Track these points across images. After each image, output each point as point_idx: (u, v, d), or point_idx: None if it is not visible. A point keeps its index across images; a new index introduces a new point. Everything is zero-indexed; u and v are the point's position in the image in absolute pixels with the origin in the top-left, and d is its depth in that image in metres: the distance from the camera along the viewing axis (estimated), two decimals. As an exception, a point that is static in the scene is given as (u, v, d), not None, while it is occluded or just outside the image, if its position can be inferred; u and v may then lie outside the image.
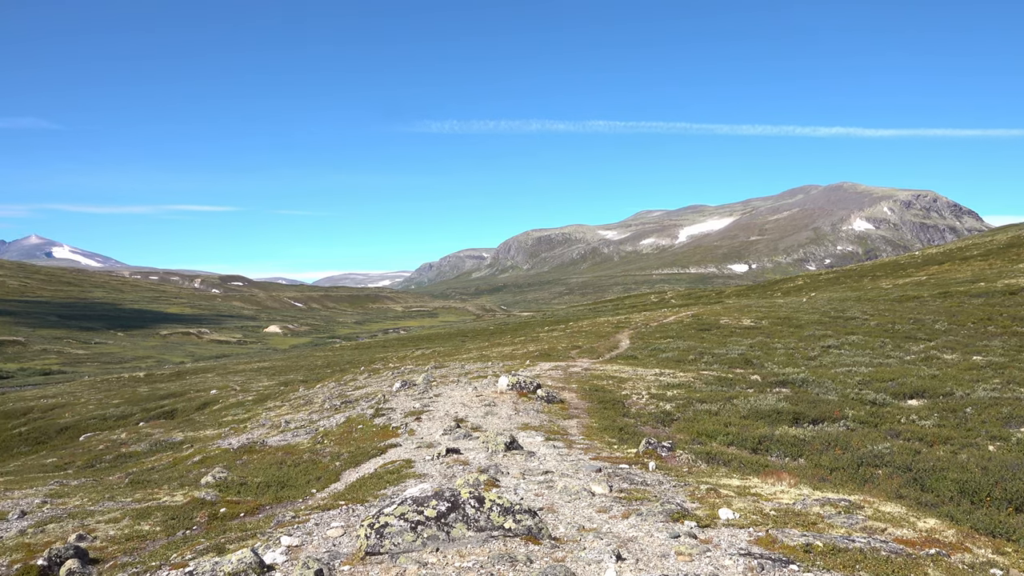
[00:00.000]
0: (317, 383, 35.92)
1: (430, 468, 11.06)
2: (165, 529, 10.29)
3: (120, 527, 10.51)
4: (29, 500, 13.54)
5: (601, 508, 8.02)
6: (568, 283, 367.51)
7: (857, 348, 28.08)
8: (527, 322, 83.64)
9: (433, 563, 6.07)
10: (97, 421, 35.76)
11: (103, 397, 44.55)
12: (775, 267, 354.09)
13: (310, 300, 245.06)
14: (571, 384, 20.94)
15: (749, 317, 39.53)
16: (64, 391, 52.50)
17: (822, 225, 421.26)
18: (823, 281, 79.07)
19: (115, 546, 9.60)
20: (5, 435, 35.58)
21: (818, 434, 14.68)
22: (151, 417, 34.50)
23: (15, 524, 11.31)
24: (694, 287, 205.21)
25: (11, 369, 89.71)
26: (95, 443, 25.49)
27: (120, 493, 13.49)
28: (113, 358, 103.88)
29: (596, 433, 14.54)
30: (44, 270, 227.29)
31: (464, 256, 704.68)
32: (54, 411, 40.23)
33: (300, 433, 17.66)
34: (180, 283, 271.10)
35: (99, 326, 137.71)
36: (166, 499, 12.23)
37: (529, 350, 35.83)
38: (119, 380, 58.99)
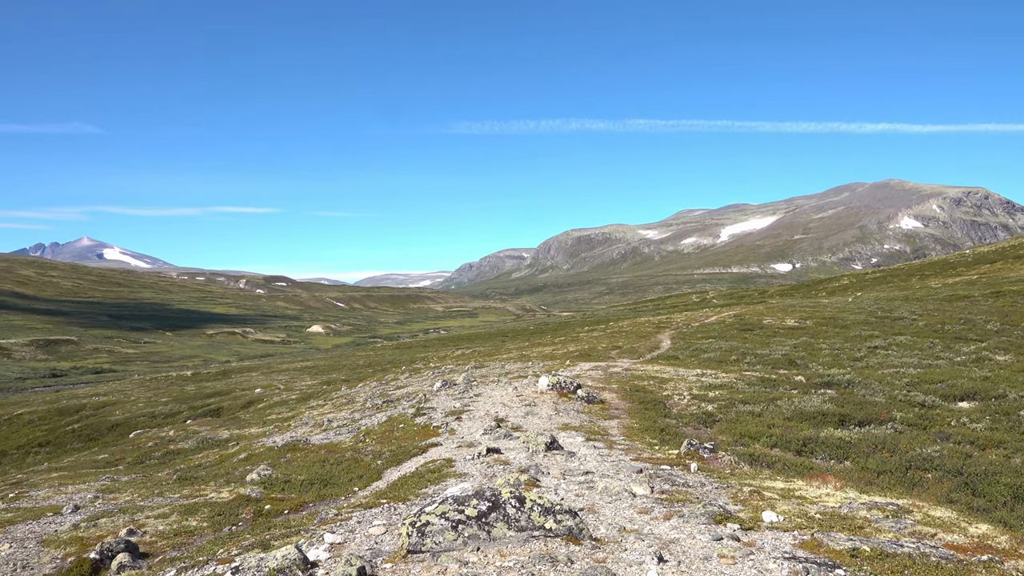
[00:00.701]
0: (359, 382, 36.29)
1: (471, 467, 11.10)
2: (212, 525, 10.49)
3: (168, 522, 10.75)
4: (82, 495, 13.94)
5: (642, 509, 7.97)
6: (608, 283, 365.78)
7: (905, 349, 27.47)
8: (567, 322, 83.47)
9: (474, 562, 6.09)
10: (146, 419, 36.61)
11: (152, 395, 45.60)
12: (819, 266, 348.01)
13: (352, 300, 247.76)
14: (611, 384, 20.84)
15: (793, 317, 38.93)
16: (115, 389, 53.86)
17: (868, 223, 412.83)
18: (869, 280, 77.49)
19: (164, 541, 9.82)
20: (59, 432, 36.63)
21: (865, 436, 14.40)
22: (198, 415, 35.21)
23: (69, 518, 11.64)
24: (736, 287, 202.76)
25: (65, 367, 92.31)
26: (144, 440, 26.09)
27: (168, 489, 13.80)
28: (161, 357, 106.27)
29: (637, 434, 14.45)
30: (96, 271, 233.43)
31: (504, 256, 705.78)
32: (105, 409, 41.29)
33: (342, 432, 17.86)
34: (226, 284, 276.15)
35: (148, 326, 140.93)
36: (213, 495, 12.47)
37: (569, 350, 35.75)
38: (167, 379, 60.33)
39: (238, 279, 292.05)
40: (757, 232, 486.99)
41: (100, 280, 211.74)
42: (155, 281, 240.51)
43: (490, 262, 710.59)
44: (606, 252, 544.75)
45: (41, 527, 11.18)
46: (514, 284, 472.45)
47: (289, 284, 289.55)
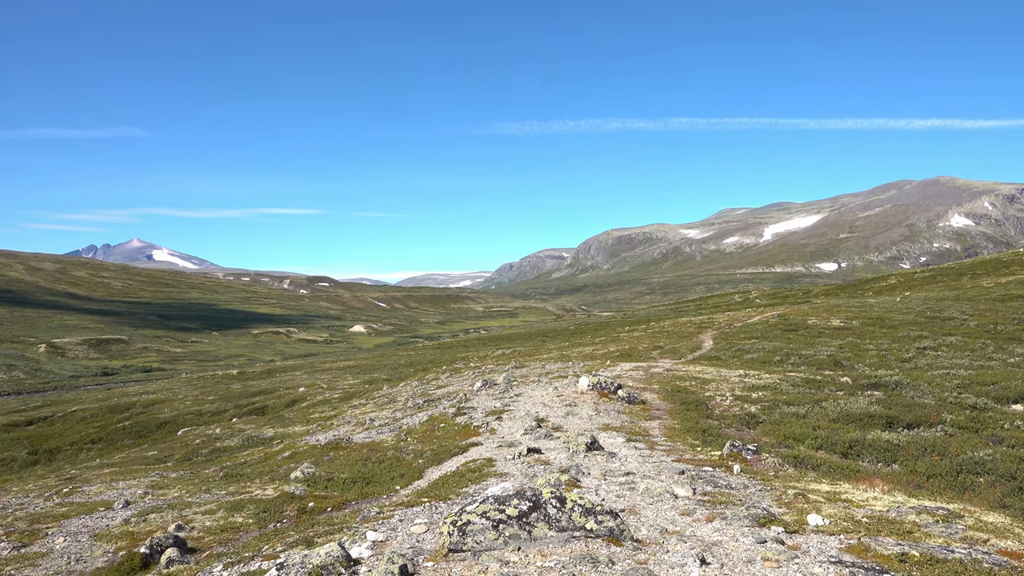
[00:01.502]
0: (400, 382, 36.59)
1: (511, 467, 11.12)
2: (257, 521, 10.67)
3: (215, 518, 10.96)
4: (132, 491, 14.29)
5: (684, 511, 7.91)
6: (649, 283, 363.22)
7: (955, 350, 26.79)
8: (607, 322, 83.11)
9: (515, 562, 6.10)
10: (194, 416, 37.39)
11: (199, 394, 46.54)
12: (866, 265, 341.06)
13: (393, 300, 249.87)
14: (652, 385, 20.69)
15: (838, 317, 38.24)
16: (163, 387, 55.10)
17: (917, 222, 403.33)
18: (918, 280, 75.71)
19: (211, 536, 10.02)
20: (111, 429, 37.59)
21: (913, 439, 14.08)
22: (243, 413, 35.83)
23: (120, 513, 11.94)
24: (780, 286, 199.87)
25: (116, 366, 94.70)
26: (192, 437, 26.64)
27: (215, 486, 14.08)
28: (208, 356, 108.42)
29: (678, 435, 14.33)
30: (145, 272, 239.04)
31: (544, 256, 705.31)
32: (154, 406, 42.26)
33: (384, 431, 18.02)
34: (270, 284, 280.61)
35: (195, 326, 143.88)
36: (258, 493, 12.69)
37: (610, 350, 35.60)
38: (213, 377, 61.53)
39: (282, 279, 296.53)
40: (801, 231, 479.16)
41: (149, 281, 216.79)
42: (202, 282, 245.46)
43: (530, 262, 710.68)
44: (647, 252, 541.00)
45: (94, 521, 11.49)
46: (554, 284, 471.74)
47: (332, 284, 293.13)
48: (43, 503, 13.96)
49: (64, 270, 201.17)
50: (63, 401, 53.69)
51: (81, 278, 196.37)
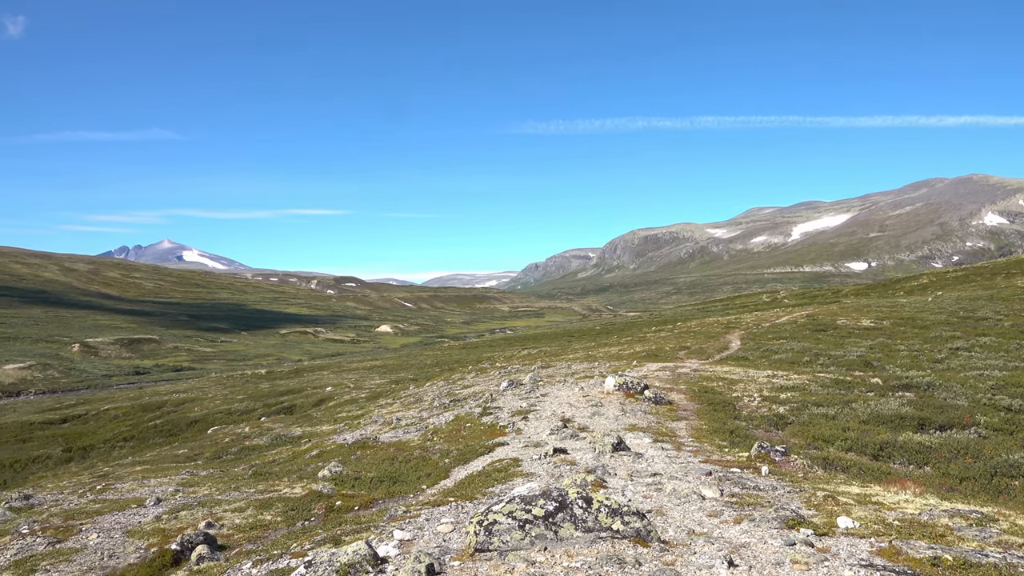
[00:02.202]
0: (427, 382, 36.73)
1: (537, 467, 11.11)
2: (285, 519, 10.78)
3: (245, 516, 11.08)
4: (164, 488, 14.50)
5: (712, 512, 7.85)
6: (676, 282, 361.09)
7: (989, 350, 26.31)
8: (634, 322, 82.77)
9: (541, 562, 6.09)
10: (223, 415, 37.84)
11: (228, 393, 47.09)
12: (897, 265, 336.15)
13: (419, 300, 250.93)
14: (679, 385, 20.57)
15: (869, 317, 37.74)
16: (193, 387, 55.82)
17: (949, 220, 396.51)
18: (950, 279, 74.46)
19: (240, 534, 10.13)
20: (142, 427, 38.17)
21: (946, 441, 13.85)
22: (272, 412, 36.19)
23: (152, 510, 12.12)
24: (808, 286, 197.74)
25: (147, 365, 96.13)
26: (221, 436, 26.96)
27: (244, 484, 14.24)
28: (237, 356, 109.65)
29: (706, 435, 14.24)
30: (175, 273, 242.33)
31: (570, 256, 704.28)
32: (185, 405, 42.83)
33: (411, 430, 18.11)
34: (298, 284, 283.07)
35: (224, 326, 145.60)
36: (286, 491, 12.81)
37: (636, 350, 35.45)
38: (242, 377, 62.21)
39: (310, 280, 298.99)
40: (830, 230, 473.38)
41: (180, 281, 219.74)
42: (231, 282, 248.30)
43: (556, 262, 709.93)
44: (673, 251, 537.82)
45: (126, 518, 11.68)
46: (580, 284, 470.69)
47: (358, 284, 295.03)
48: (77, 500, 14.22)
49: (97, 271, 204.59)
50: (96, 400, 54.62)
51: (113, 279, 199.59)
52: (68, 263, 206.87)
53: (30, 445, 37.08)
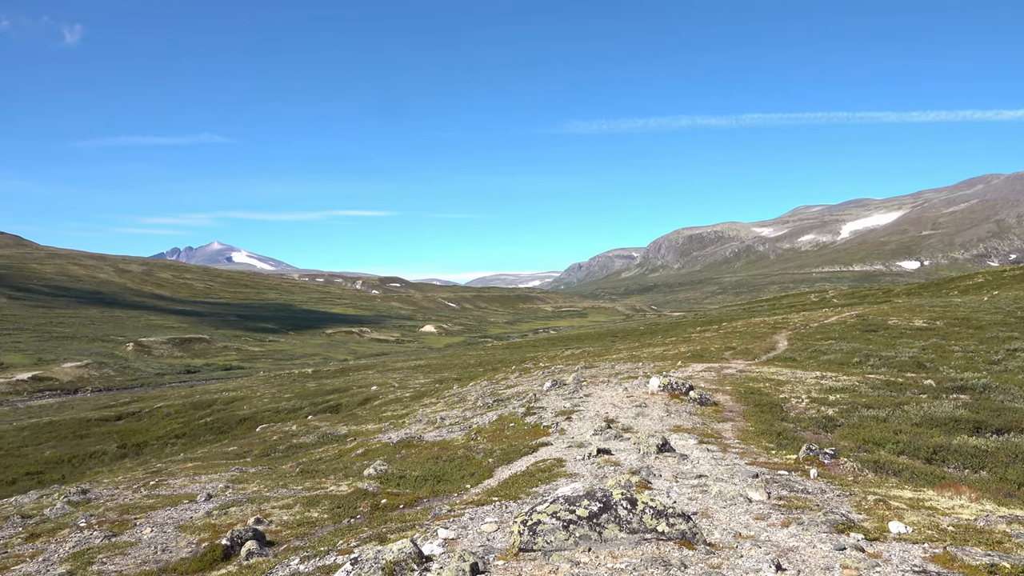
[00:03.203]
0: (470, 381, 36.88)
1: (581, 468, 11.09)
2: (332, 517, 10.92)
3: (292, 513, 11.26)
4: (214, 484, 14.81)
5: (758, 515, 7.74)
6: (721, 282, 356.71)
7: (1049, 352, 25.47)
8: (678, 322, 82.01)
9: (585, 562, 6.08)
10: (271, 413, 38.50)
11: (276, 391, 47.90)
12: (950, 264, 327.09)
13: (463, 300, 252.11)
14: (725, 386, 20.33)
15: (921, 317, 36.83)
16: (242, 385, 56.89)
17: (1006, 217, 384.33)
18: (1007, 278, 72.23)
19: (288, 530, 10.30)
20: (193, 424, 39.03)
21: (1003, 445, 13.44)
22: (318, 411, 36.71)
23: (203, 506, 12.39)
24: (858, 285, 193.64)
25: (198, 364, 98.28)
26: (269, 434, 27.43)
27: (292, 481, 14.47)
28: (284, 355, 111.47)
29: (752, 437, 14.04)
30: (225, 274, 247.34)
31: (613, 256, 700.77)
32: (234, 403, 43.69)
33: (455, 430, 18.20)
34: (343, 285, 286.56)
35: (272, 326, 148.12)
36: (332, 489, 12.98)
37: (680, 351, 35.12)
38: (289, 376, 63.21)
39: (355, 280, 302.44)
40: (881, 228, 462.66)
41: (229, 282, 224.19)
42: (279, 283, 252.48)
43: (599, 262, 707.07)
44: (718, 251, 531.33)
45: (178, 513, 11.96)
46: (623, 284, 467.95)
47: (403, 285, 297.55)
48: (131, 495, 14.60)
49: (150, 272, 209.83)
50: (149, 397, 56.04)
51: (166, 279, 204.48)
52: (122, 264, 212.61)
53: (87, 441, 38.20)
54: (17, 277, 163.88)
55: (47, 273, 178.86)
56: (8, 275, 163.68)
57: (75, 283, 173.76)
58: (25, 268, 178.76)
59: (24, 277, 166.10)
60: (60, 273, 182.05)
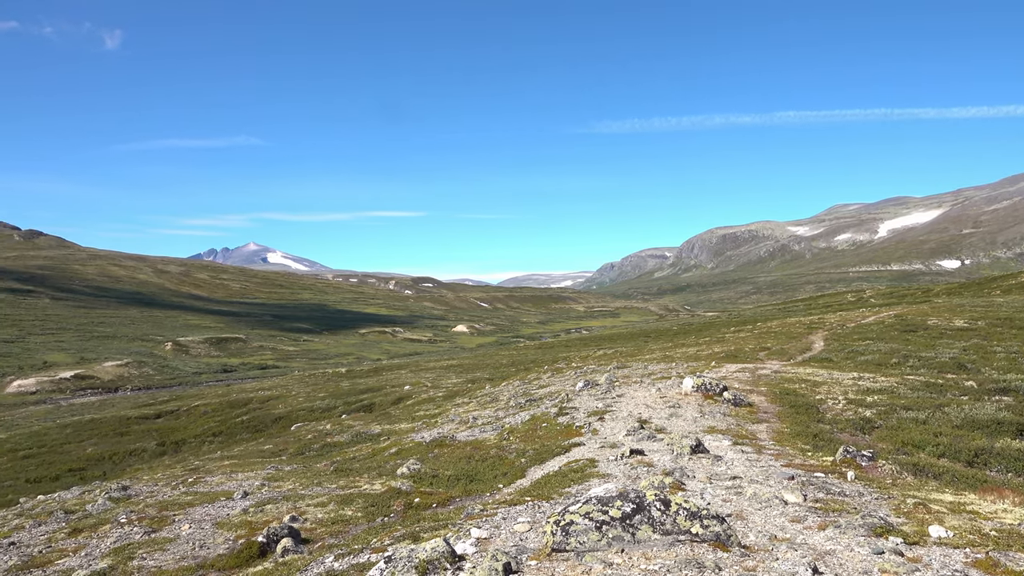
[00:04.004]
0: (502, 381, 36.92)
1: (613, 468, 11.05)
2: (366, 515, 11.01)
3: (327, 511, 11.37)
4: (250, 482, 15.01)
5: (794, 518, 7.65)
6: (755, 282, 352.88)
7: (1097, 353, 24.81)
8: (712, 322, 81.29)
9: (618, 563, 6.05)
10: (306, 412, 38.92)
11: (310, 391, 48.40)
12: (992, 263, 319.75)
13: (495, 300, 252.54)
14: (760, 387, 20.11)
15: (962, 317, 36.08)
16: (277, 384, 57.60)
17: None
18: (1053, 277, 70.50)
19: (323, 528, 10.40)
20: (230, 423, 39.60)
21: (1048, 448, 13.12)
22: (352, 410, 37.02)
23: (239, 503, 12.57)
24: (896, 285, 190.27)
25: (234, 364, 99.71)
26: (304, 433, 27.73)
27: (326, 479, 14.61)
28: (318, 355, 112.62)
29: (787, 439, 13.87)
30: (260, 274, 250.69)
31: (646, 256, 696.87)
32: (269, 402, 44.24)
33: (487, 429, 18.23)
34: (376, 285, 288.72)
35: (307, 325, 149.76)
36: (366, 487, 13.08)
37: (714, 351, 34.82)
38: (324, 375, 63.84)
39: (388, 280, 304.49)
40: (920, 226, 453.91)
41: (264, 282, 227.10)
42: (313, 283, 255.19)
43: (632, 262, 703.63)
44: (753, 250, 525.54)
45: (216, 510, 12.14)
46: (656, 284, 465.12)
47: (435, 285, 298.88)
48: (170, 491, 14.86)
49: (187, 272, 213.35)
50: (187, 396, 56.98)
51: (203, 280, 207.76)
52: (161, 265, 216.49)
53: (127, 438, 38.96)
54: (60, 278, 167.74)
55: (88, 274, 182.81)
56: (51, 276, 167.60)
57: (115, 283, 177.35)
58: (68, 269, 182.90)
59: (67, 278, 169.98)
60: (101, 274, 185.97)
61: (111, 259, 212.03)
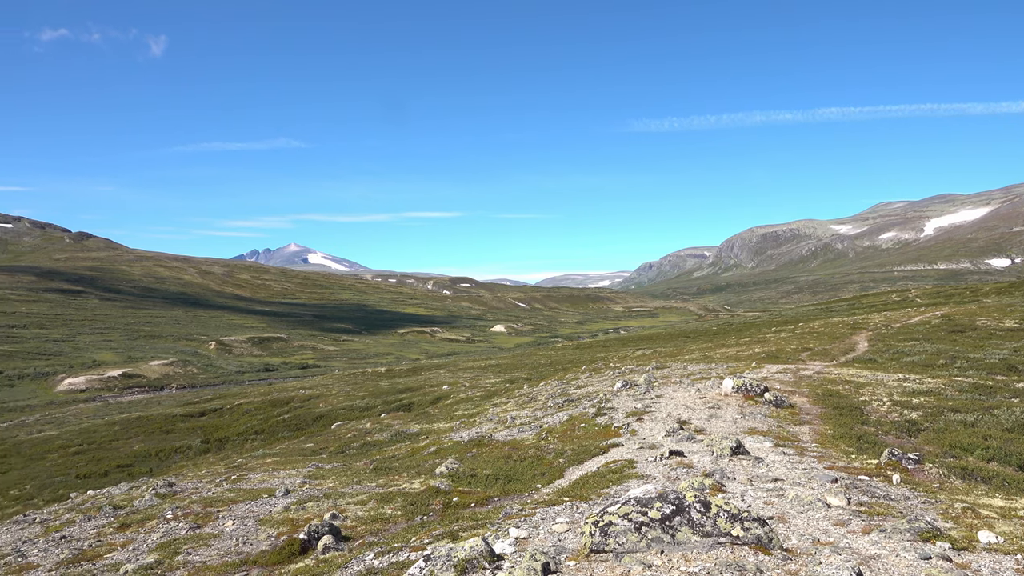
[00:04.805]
0: (540, 381, 36.90)
1: (652, 469, 10.98)
2: (405, 513, 11.09)
3: (367, 509, 11.48)
4: (292, 480, 15.22)
5: (838, 521, 7.52)
6: (797, 281, 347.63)
7: None
8: (752, 322, 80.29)
9: (658, 565, 6.01)
10: (346, 411, 39.33)
11: (350, 390, 48.90)
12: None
13: (533, 300, 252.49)
14: (801, 388, 19.81)
15: (1012, 317, 35.12)
16: (318, 383, 58.29)
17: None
18: (1109, 276, 68.27)
19: (362, 526, 10.50)
20: (272, 421, 40.19)
21: (1104, 453, 12.71)
22: (391, 409, 37.32)
23: (281, 500, 12.75)
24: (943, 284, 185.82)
25: (276, 363, 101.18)
26: (344, 431, 28.03)
27: (366, 478, 14.75)
28: (358, 354, 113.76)
29: (830, 441, 13.64)
30: (301, 275, 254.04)
31: (685, 255, 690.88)
32: (310, 401, 44.80)
33: (525, 429, 18.24)
34: (415, 285, 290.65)
35: (346, 325, 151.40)
36: (405, 486, 13.18)
37: (755, 351, 34.38)
38: (363, 374, 64.45)
39: (426, 280, 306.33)
40: (968, 224, 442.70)
41: (305, 283, 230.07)
42: (352, 283, 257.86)
43: (670, 261, 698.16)
44: (794, 249, 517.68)
45: (258, 507, 12.33)
46: (695, 283, 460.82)
47: (473, 285, 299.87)
48: (214, 488, 15.14)
49: (231, 273, 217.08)
50: (230, 394, 57.96)
51: (245, 281, 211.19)
52: (205, 266, 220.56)
53: (172, 436, 39.77)
54: (108, 279, 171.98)
55: (135, 275, 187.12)
56: (100, 277, 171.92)
57: (161, 284, 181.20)
58: (116, 270, 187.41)
59: (115, 279, 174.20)
60: (147, 275, 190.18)
61: (157, 260, 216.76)
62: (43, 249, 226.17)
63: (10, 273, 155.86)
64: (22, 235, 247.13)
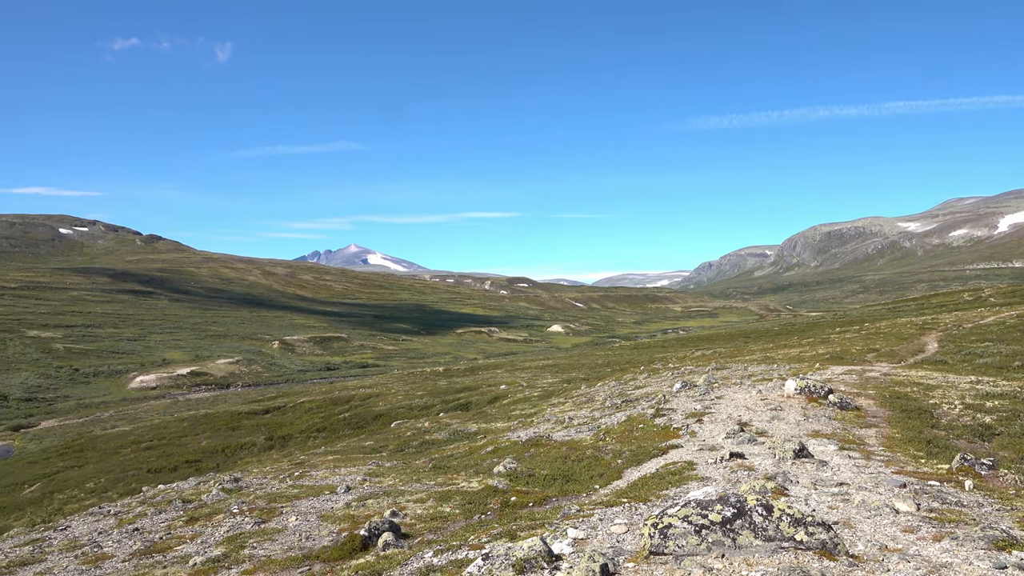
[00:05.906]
0: (598, 381, 36.73)
1: (712, 471, 10.83)
2: (463, 512, 11.17)
3: (425, 507, 11.60)
4: (352, 477, 15.48)
5: (906, 527, 7.30)
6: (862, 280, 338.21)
7: None
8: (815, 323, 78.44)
9: (718, 569, 5.93)
10: (404, 410, 39.81)
11: (409, 389, 49.47)
12: None
13: (590, 300, 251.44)
14: (867, 390, 19.27)
15: (1095, 318, 33.54)
16: (378, 382, 59.13)
17: None
18: None
19: (421, 524, 10.62)
20: (333, 419, 40.94)
21: None
22: (449, 408, 37.62)
23: (342, 497, 12.98)
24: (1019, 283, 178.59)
25: (337, 362, 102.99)
26: (403, 430, 28.37)
27: (425, 476, 14.91)
28: (416, 354, 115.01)
29: (898, 445, 13.24)
30: (361, 275, 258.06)
31: (745, 254, 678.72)
32: (370, 400, 45.48)
33: (583, 430, 18.19)
34: (472, 285, 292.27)
35: (405, 325, 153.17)
36: (463, 485, 13.27)
37: (818, 352, 33.59)
38: (422, 374, 65.12)
39: (483, 280, 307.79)
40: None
41: (365, 283, 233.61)
42: (411, 283, 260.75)
43: (730, 260, 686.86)
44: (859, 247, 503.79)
45: (320, 503, 12.59)
46: (756, 283, 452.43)
47: (530, 285, 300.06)
48: (278, 484, 15.50)
49: (293, 274, 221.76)
50: (293, 393, 59.23)
51: (307, 281, 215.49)
52: (268, 267, 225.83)
53: (238, 433, 40.85)
54: (177, 280, 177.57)
55: (202, 276, 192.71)
56: (170, 279, 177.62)
57: (227, 285, 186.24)
58: (184, 272, 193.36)
59: (183, 280, 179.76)
60: (213, 276, 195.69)
61: (223, 262, 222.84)
62: (116, 251, 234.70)
63: (86, 275, 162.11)
64: (97, 238, 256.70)
